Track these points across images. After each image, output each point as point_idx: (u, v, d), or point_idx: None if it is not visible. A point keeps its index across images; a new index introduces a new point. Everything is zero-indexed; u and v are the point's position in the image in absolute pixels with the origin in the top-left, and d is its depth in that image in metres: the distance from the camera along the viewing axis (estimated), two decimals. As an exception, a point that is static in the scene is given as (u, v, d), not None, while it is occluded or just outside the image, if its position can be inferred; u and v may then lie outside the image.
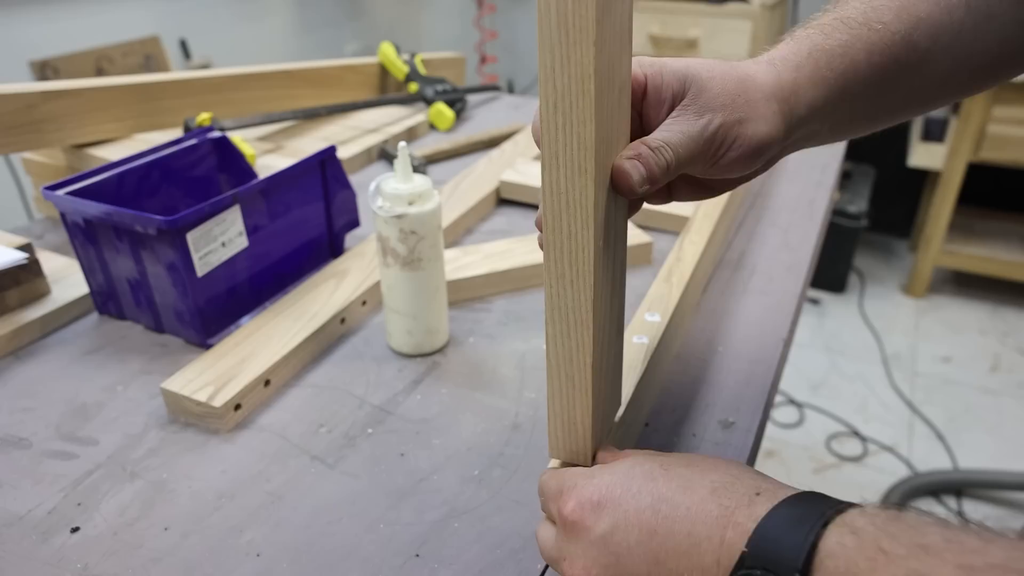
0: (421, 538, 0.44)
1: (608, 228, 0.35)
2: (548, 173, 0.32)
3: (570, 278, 0.34)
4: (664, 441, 0.51)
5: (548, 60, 0.30)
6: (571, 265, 0.34)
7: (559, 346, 0.36)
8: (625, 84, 0.34)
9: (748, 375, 0.58)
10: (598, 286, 0.34)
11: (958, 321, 2.17)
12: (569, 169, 0.32)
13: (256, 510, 0.47)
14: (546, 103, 0.31)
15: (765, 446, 1.74)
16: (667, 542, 0.31)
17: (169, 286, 0.61)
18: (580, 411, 0.38)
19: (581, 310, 0.34)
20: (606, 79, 0.31)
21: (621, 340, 0.41)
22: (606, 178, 0.34)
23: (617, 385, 0.43)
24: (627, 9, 0.33)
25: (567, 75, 0.30)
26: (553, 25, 0.29)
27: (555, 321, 0.35)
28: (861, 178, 2.38)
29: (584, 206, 0.32)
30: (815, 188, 0.92)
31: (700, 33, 2.16)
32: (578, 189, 0.32)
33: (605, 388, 0.39)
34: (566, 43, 0.29)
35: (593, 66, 0.29)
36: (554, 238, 0.34)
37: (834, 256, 2.25)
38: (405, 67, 1.20)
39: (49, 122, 0.81)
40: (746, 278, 0.72)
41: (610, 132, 0.33)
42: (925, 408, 1.83)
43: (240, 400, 0.54)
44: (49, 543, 0.45)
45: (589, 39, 0.29)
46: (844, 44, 0.39)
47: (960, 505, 1.57)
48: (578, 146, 0.31)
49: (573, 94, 0.30)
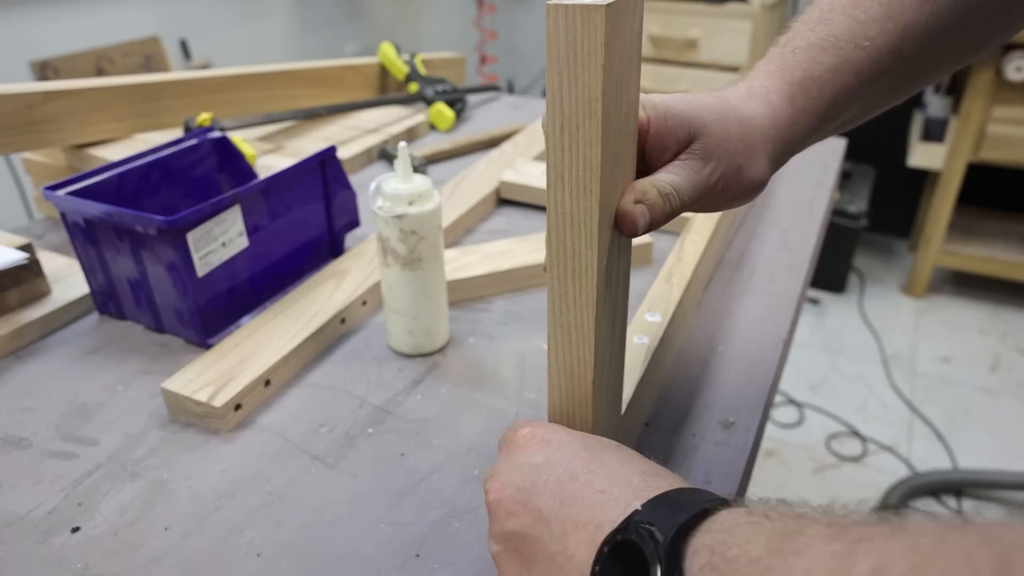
0: (421, 538, 0.44)
1: (612, 246, 0.35)
2: (553, 192, 0.32)
3: (573, 296, 0.34)
4: (664, 441, 0.51)
5: (556, 82, 0.30)
6: (574, 283, 0.34)
7: (561, 361, 0.36)
8: (633, 106, 0.34)
9: (748, 375, 0.58)
10: (601, 304, 0.34)
11: (958, 321, 2.17)
12: (574, 190, 0.32)
13: (256, 510, 0.47)
14: (553, 124, 0.31)
15: (765, 446, 1.74)
16: (580, 491, 0.32)
17: (169, 286, 0.61)
18: (580, 424, 0.38)
19: (584, 327, 0.35)
20: (614, 102, 0.31)
21: (623, 353, 0.42)
22: (611, 198, 0.33)
23: (618, 395, 0.43)
24: (636, 32, 0.32)
25: (575, 97, 0.30)
26: (562, 47, 0.29)
27: (557, 337, 0.36)
28: (861, 178, 2.38)
29: (589, 226, 0.32)
30: (815, 188, 0.92)
31: (700, 33, 2.17)
32: (583, 209, 0.32)
33: (606, 401, 0.40)
34: (574, 65, 0.29)
35: (601, 89, 0.29)
36: (558, 256, 0.34)
37: (834, 256, 2.25)
38: (405, 67, 1.20)
39: (49, 122, 0.81)
40: (746, 278, 0.72)
41: (617, 153, 0.33)
42: (925, 408, 1.84)
43: (240, 400, 0.54)
44: (49, 543, 0.45)
45: (598, 62, 0.29)
46: (833, 69, 0.40)
47: (960, 505, 1.57)
48: (584, 167, 0.31)
49: (580, 116, 0.30)
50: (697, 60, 2.21)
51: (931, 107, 2.10)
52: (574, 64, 0.29)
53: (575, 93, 0.30)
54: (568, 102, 0.30)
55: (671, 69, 2.25)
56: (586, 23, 0.28)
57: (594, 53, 0.28)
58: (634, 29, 0.32)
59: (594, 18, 0.28)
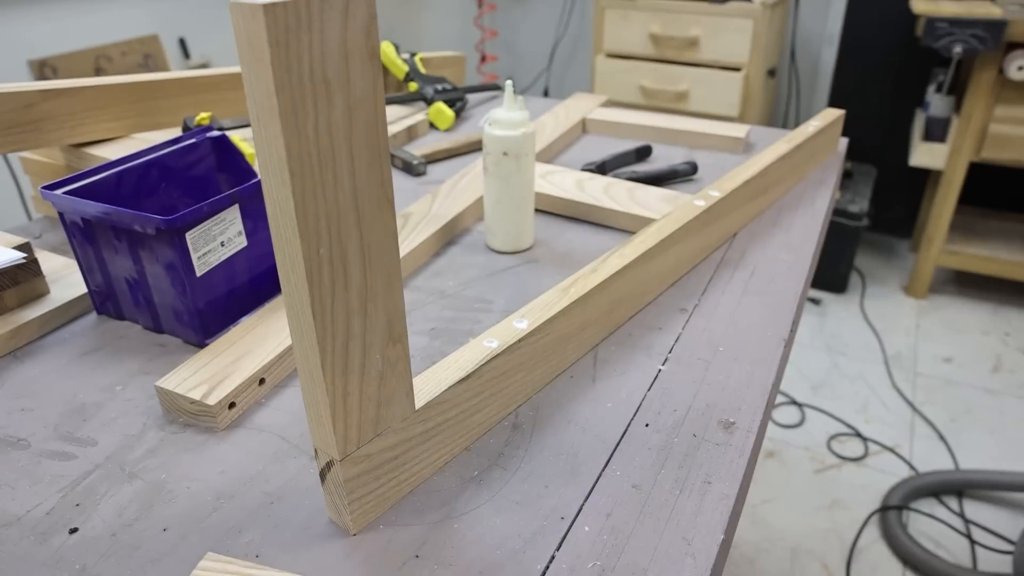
0: (421, 539, 0.44)
1: (334, 239, 0.36)
2: (263, 179, 0.34)
3: (293, 281, 0.36)
4: (664, 441, 0.51)
5: (246, 75, 0.32)
6: (293, 269, 0.36)
7: (296, 343, 0.39)
8: (363, 100, 0.34)
9: (749, 375, 0.58)
10: (321, 291, 0.36)
11: (959, 321, 2.16)
12: (275, 179, 0.33)
13: (255, 510, 0.46)
14: (252, 116, 0.33)
15: (766, 446, 1.74)
16: None
17: (168, 286, 0.60)
18: (321, 406, 0.40)
19: (305, 313, 0.36)
20: (299, 97, 0.32)
21: (401, 346, 0.42)
22: (318, 189, 0.34)
23: (394, 384, 0.43)
24: (358, 31, 0.33)
25: (260, 92, 0.31)
26: (243, 43, 0.31)
27: (291, 318, 0.38)
28: (862, 178, 2.38)
29: (289, 214, 0.34)
30: (816, 187, 0.92)
31: (701, 32, 2.16)
32: (284, 198, 0.33)
33: (358, 386, 0.41)
34: (253, 61, 0.31)
35: (274, 84, 0.30)
36: (276, 240, 0.36)
37: (835, 256, 2.25)
38: (405, 66, 1.20)
39: (47, 121, 0.81)
40: (747, 278, 0.72)
41: (322, 151, 0.33)
42: (926, 408, 1.83)
43: (234, 398, 0.54)
44: (47, 544, 0.44)
45: (266, 59, 0.30)
46: None
47: (961, 506, 1.57)
48: (276, 159, 0.33)
49: (265, 110, 0.32)
50: (698, 59, 2.20)
51: (933, 107, 2.10)
52: (253, 60, 0.31)
53: (259, 88, 0.31)
54: (256, 96, 0.32)
55: (672, 68, 2.24)
56: (253, 21, 0.29)
57: (263, 50, 0.30)
58: (348, 30, 0.32)
59: (257, 16, 0.29)
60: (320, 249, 0.35)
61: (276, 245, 0.36)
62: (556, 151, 1.03)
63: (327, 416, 0.40)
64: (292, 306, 0.37)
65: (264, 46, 0.29)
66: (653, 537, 0.44)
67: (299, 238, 0.34)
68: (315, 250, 0.35)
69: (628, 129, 1.09)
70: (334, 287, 0.37)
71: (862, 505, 1.57)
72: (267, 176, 0.34)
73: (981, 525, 1.52)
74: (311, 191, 0.34)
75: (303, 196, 0.33)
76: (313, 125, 0.33)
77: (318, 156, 0.33)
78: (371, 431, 0.43)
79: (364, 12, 0.32)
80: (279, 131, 0.31)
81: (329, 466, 0.42)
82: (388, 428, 0.44)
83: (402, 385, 0.44)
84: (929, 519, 1.53)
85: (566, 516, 0.45)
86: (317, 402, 0.40)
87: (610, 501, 0.46)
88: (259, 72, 0.30)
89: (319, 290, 0.36)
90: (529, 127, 0.71)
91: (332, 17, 0.31)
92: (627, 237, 0.67)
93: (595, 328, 0.61)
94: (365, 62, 0.34)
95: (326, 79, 0.32)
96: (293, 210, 0.33)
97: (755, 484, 1.64)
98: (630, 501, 0.46)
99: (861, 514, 1.55)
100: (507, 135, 0.70)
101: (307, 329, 0.37)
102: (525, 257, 0.76)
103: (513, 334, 0.53)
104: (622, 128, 1.09)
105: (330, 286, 0.37)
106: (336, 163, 0.34)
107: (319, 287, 0.36)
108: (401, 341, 0.42)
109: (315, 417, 0.41)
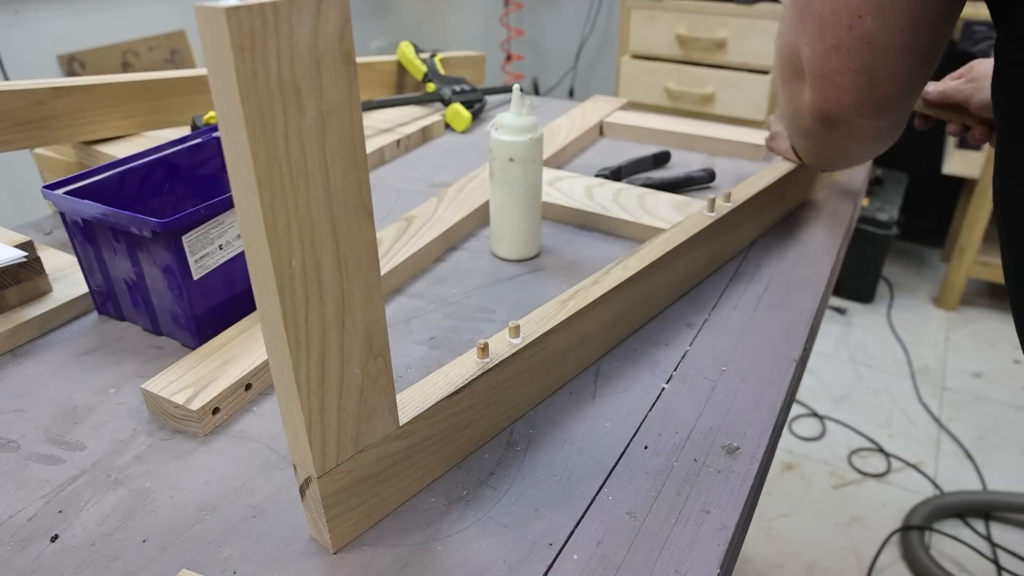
0: (403, 560, 0.43)
1: (307, 250, 0.34)
2: (232, 187, 0.33)
3: (265, 293, 0.35)
4: (663, 465, 0.49)
5: (213, 81, 0.30)
6: (264, 280, 0.34)
7: (271, 357, 0.37)
8: (337, 106, 0.33)
9: (756, 397, 0.55)
10: (294, 303, 0.35)
11: (991, 335, 2.10)
12: (243, 188, 0.32)
13: (236, 524, 0.45)
14: (221, 122, 0.31)
15: (784, 459, 1.70)
16: None
17: (165, 288, 0.60)
18: (297, 422, 0.38)
19: (277, 326, 0.35)
20: (266, 104, 0.30)
21: (382, 360, 0.41)
22: (288, 198, 0.33)
23: (375, 399, 0.42)
24: (331, 36, 0.31)
25: (227, 97, 0.30)
26: (208, 47, 0.29)
27: (264, 331, 0.37)
28: (893, 185, 2.31)
29: (258, 224, 0.32)
30: (839, 198, 0.88)
31: (728, 34, 2.12)
32: (253, 207, 0.32)
33: (336, 401, 0.39)
34: (218, 66, 0.29)
35: (238, 91, 0.29)
36: (248, 250, 0.34)
37: (862, 265, 2.19)
38: (423, 66, 1.19)
39: (58, 118, 0.81)
40: (760, 292, 0.69)
41: (289, 155, 0.32)
42: (954, 425, 1.77)
43: (219, 404, 0.53)
44: (26, 552, 0.44)
45: (231, 64, 0.29)
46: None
47: (988, 529, 1.51)
48: (243, 166, 0.31)
49: (231, 116, 0.30)
50: (726, 61, 2.16)
51: (968, 113, 2.03)
52: (217, 65, 0.29)
53: (224, 94, 0.30)
54: (222, 102, 0.30)
55: (698, 70, 2.20)
56: (216, 24, 0.28)
57: (227, 55, 0.28)
58: (319, 35, 0.31)
59: (220, 19, 0.28)
60: (292, 260, 0.34)
61: (248, 255, 0.35)
62: (570, 155, 1.01)
63: (303, 432, 0.38)
64: (265, 318, 0.36)
65: (228, 51, 0.28)
66: (644, 569, 0.41)
67: (268, 248, 0.33)
68: (287, 261, 0.34)
69: (646, 134, 1.06)
70: (308, 299, 0.35)
71: (882, 523, 1.53)
72: (236, 184, 0.32)
73: (1009, 550, 1.46)
74: (281, 200, 0.32)
75: (272, 205, 0.32)
76: (283, 132, 0.31)
77: (288, 164, 0.32)
78: (351, 447, 0.41)
79: (337, 15, 0.31)
80: (245, 138, 0.30)
81: (308, 483, 0.41)
82: (370, 444, 0.42)
83: (384, 400, 0.42)
84: (953, 541, 1.48)
85: (555, 542, 0.43)
86: (293, 417, 0.39)
87: (602, 528, 0.44)
88: (224, 77, 0.29)
89: (291, 302, 0.35)
90: (536, 133, 0.69)
91: (302, 21, 0.30)
92: (636, 246, 0.65)
93: (596, 342, 0.59)
94: (339, 67, 0.32)
95: (296, 85, 0.31)
96: (262, 219, 0.32)
97: (771, 497, 1.60)
98: (623, 529, 0.44)
99: (881, 533, 1.50)
100: (513, 141, 0.68)
101: (279, 342, 0.36)
102: (531, 265, 0.74)
103: (507, 347, 0.51)
104: (640, 132, 1.07)
105: (304, 298, 0.35)
106: (308, 171, 0.33)
107: (291, 299, 0.35)
108: (383, 355, 0.41)
109: (292, 432, 0.40)
